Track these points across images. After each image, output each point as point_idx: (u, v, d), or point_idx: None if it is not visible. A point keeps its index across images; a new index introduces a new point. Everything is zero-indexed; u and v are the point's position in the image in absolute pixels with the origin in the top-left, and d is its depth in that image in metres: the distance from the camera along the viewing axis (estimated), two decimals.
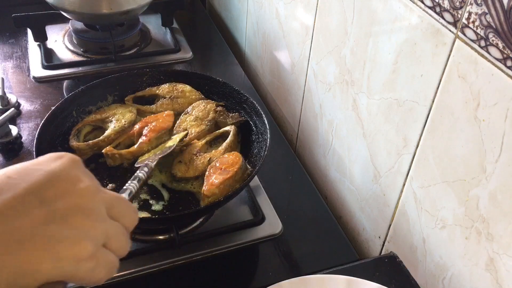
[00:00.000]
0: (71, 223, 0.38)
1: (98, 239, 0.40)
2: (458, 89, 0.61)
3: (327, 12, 0.89)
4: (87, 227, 0.39)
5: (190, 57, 1.25)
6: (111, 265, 0.42)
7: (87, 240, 0.39)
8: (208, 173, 0.79)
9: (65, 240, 0.37)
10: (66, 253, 0.37)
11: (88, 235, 0.39)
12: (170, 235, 0.81)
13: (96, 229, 0.40)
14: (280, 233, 0.84)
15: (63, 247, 0.37)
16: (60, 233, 0.37)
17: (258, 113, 0.88)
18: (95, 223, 0.40)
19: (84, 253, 0.38)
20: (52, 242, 0.37)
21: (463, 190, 0.63)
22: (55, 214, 0.38)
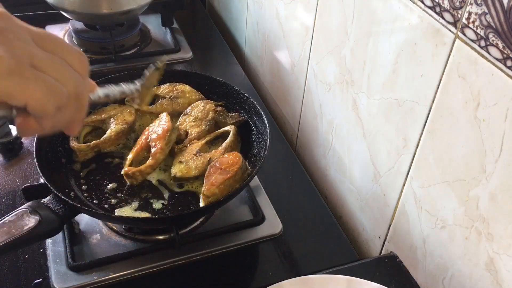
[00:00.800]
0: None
1: (18, 56, 0.38)
2: (458, 89, 0.61)
3: (327, 12, 0.89)
4: (4, 41, 0.38)
5: (190, 57, 1.25)
6: (50, 87, 0.40)
7: (5, 54, 0.37)
8: (208, 173, 0.79)
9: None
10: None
11: (6, 49, 0.37)
12: (170, 235, 0.81)
13: (15, 46, 0.38)
14: (280, 233, 0.85)
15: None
16: None
17: (258, 113, 0.88)
18: (13, 41, 0.38)
19: (1, 66, 0.36)
20: None
21: (463, 190, 0.63)
22: None
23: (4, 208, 0.86)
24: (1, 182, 0.91)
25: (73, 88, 0.42)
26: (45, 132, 0.43)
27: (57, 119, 0.42)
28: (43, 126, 0.42)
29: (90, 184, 0.82)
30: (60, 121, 0.43)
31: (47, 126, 0.42)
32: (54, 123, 0.42)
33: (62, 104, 0.41)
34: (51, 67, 0.40)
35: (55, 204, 0.70)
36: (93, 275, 0.74)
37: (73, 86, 0.42)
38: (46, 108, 0.39)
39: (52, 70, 0.40)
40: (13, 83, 0.37)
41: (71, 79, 0.42)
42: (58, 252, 0.77)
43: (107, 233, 0.81)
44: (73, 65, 0.43)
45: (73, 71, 0.43)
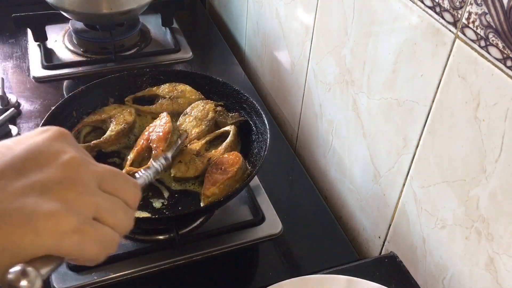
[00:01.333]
0: (51, 196, 0.36)
1: (83, 211, 0.38)
2: (458, 89, 0.61)
3: (327, 12, 0.89)
4: (70, 198, 0.37)
5: (190, 57, 1.25)
6: (106, 240, 0.40)
7: (68, 212, 0.37)
8: (208, 173, 0.79)
9: (45, 213, 0.35)
10: (46, 226, 0.35)
11: (70, 207, 0.37)
12: (170, 235, 0.81)
13: (81, 201, 0.38)
14: (280, 233, 0.84)
15: (42, 220, 0.35)
16: (40, 206, 0.36)
17: (258, 113, 0.88)
18: (80, 196, 0.38)
19: (65, 226, 0.36)
20: (30, 215, 0.35)
21: (463, 190, 0.63)
22: (33, 186, 0.36)
23: None
24: None
25: (126, 230, 0.43)
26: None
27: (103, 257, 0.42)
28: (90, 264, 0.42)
29: None
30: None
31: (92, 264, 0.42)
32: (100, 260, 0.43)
33: (112, 252, 0.42)
34: (110, 214, 0.41)
35: None
36: (93, 275, 0.74)
37: (125, 230, 0.43)
38: (98, 259, 0.40)
39: (111, 217, 0.41)
40: (70, 243, 0.37)
41: (126, 222, 0.43)
42: None
43: None
44: (128, 202, 0.44)
45: (129, 211, 0.43)
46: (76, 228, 0.37)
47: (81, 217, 0.38)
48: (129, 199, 0.44)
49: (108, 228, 0.41)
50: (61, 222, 0.36)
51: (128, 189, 0.44)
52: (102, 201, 0.40)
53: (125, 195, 0.43)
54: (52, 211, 0.36)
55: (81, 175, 0.39)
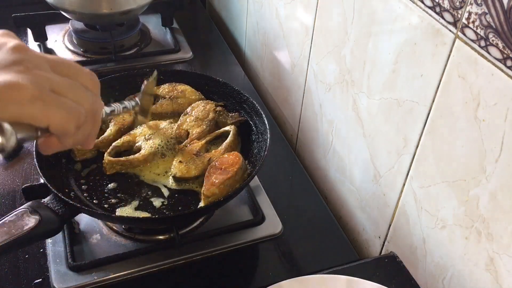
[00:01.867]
0: (4, 72, 0.40)
1: (39, 83, 0.41)
2: (458, 89, 0.61)
3: (327, 12, 0.89)
4: (23, 72, 0.41)
5: (190, 57, 1.25)
6: (69, 107, 0.43)
7: (25, 81, 0.40)
8: (208, 173, 0.79)
9: (4, 82, 0.39)
10: (4, 96, 0.39)
11: (26, 78, 0.40)
12: (170, 235, 0.81)
13: (35, 74, 0.41)
14: (280, 233, 0.84)
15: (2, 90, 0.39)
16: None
17: (258, 113, 0.88)
18: (33, 70, 0.41)
19: (24, 93, 0.40)
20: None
21: (463, 190, 0.63)
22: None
23: (4, 208, 0.86)
24: (1, 182, 0.91)
25: (89, 106, 0.46)
26: (66, 148, 0.47)
27: (76, 136, 0.46)
28: (65, 143, 0.46)
29: (90, 184, 0.82)
30: (79, 137, 0.46)
31: (68, 144, 0.46)
32: (74, 140, 0.46)
33: (81, 123, 0.45)
34: (68, 90, 0.44)
35: (55, 204, 0.70)
36: (93, 275, 0.74)
37: (89, 105, 0.46)
38: (67, 128, 0.43)
39: (69, 93, 0.44)
40: (36, 108, 0.41)
41: (87, 99, 0.46)
42: (58, 252, 0.77)
43: (107, 233, 0.81)
44: (87, 86, 0.47)
45: (88, 91, 0.47)
46: (36, 95, 0.41)
47: (38, 86, 0.41)
48: (87, 84, 0.47)
49: (69, 100, 0.44)
50: (19, 90, 0.40)
51: (84, 74, 0.47)
52: (58, 78, 0.44)
53: (82, 79, 0.47)
54: (8, 82, 0.40)
55: (31, 56, 0.43)
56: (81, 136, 0.47)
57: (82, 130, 0.46)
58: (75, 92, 0.45)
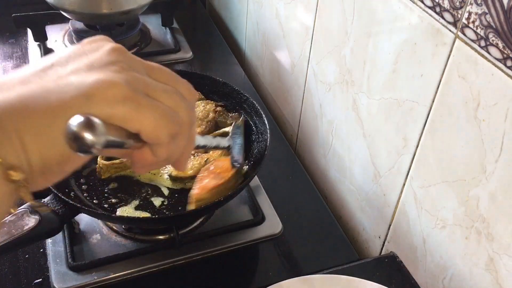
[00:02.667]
0: (99, 70, 0.38)
1: (133, 83, 0.39)
2: (458, 89, 0.61)
3: (327, 12, 0.89)
4: (118, 71, 0.39)
5: (190, 57, 1.25)
6: (163, 112, 0.40)
7: (119, 80, 0.38)
8: (200, 176, 0.78)
9: (94, 80, 0.37)
10: (96, 92, 0.37)
11: (120, 77, 0.38)
12: (170, 235, 0.81)
13: (130, 75, 0.39)
14: (280, 233, 0.84)
15: (92, 87, 0.37)
16: (88, 77, 0.37)
17: (258, 113, 0.88)
18: (128, 71, 0.39)
19: (116, 92, 0.37)
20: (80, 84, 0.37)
21: (463, 190, 0.63)
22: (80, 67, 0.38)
23: None
24: None
25: (186, 115, 0.43)
26: (160, 165, 0.44)
27: (171, 148, 0.42)
28: (158, 156, 0.41)
29: (90, 184, 0.82)
30: (174, 151, 0.42)
31: (162, 156, 0.41)
32: (169, 153, 0.42)
33: (176, 131, 0.41)
34: (164, 95, 0.41)
35: (55, 204, 0.70)
36: (93, 275, 0.74)
37: (186, 114, 0.43)
38: (160, 134, 0.40)
39: (165, 98, 0.41)
40: (128, 108, 0.38)
41: (183, 107, 0.43)
42: (58, 252, 0.77)
43: (107, 233, 0.81)
44: (184, 95, 0.44)
45: (184, 99, 0.44)
46: (129, 96, 0.38)
47: (132, 87, 0.38)
48: (184, 92, 0.44)
49: (165, 105, 0.40)
50: (112, 87, 0.37)
51: (181, 82, 0.45)
52: (153, 82, 0.41)
53: (179, 87, 0.44)
54: (101, 79, 0.37)
55: (127, 58, 0.41)
56: (175, 149, 0.42)
57: (177, 142, 0.42)
58: (171, 98, 0.42)
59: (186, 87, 0.45)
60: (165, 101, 0.41)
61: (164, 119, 0.40)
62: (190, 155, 0.45)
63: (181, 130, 0.42)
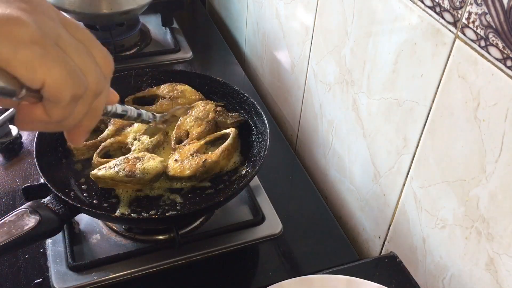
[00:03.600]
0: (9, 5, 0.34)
1: (44, 28, 0.35)
2: (458, 89, 0.61)
3: (327, 12, 0.89)
4: (30, 11, 0.34)
5: (190, 57, 1.25)
6: (70, 69, 0.36)
7: (29, 20, 0.34)
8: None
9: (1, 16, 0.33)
10: (1, 29, 0.32)
11: (31, 17, 0.34)
12: (170, 235, 0.81)
13: (41, 20, 0.35)
14: (280, 233, 0.84)
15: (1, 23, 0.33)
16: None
17: (258, 113, 0.88)
18: (40, 15, 0.35)
19: (23, 33, 0.33)
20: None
21: (463, 190, 0.63)
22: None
23: (4, 208, 0.86)
24: (1, 182, 0.91)
25: (94, 82, 0.38)
26: (48, 127, 0.39)
27: (68, 112, 0.37)
28: (51, 116, 0.37)
29: (90, 184, 0.82)
30: (71, 116, 0.38)
31: (55, 118, 0.37)
32: (64, 116, 0.37)
33: (80, 95, 0.37)
34: (75, 53, 0.37)
35: (55, 204, 0.70)
36: (93, 275, 0.74)
37: (94, 81, 0.38)
38: (63, 92, 0.35)
39: (76, 56, 0.37)
40: (34, 53, 0.33)
41: (93, 72, 0.38)
42: (58, 252, 0.77)
43: (107, 233, 0.81)
44: (98, 62, 0.40)
45: (97, 66, 0.39)
46: (37, 39, 0.34)
47: (42, 31, 0.34)
48: (99, 60, 0.39)
49: (74, 63, 0.36)
50: (18, 25, 0.33)
51: (99, 49, 0.40)
52: (67, 36, 0.37)
53: (95, 52, 0.39)
54: (10, 16, 0.33)
55: (43, 2, 0.37)
56: (72, 115, 0.38)
57: (77, 107, 0.38)
58: (82, 58, 0.37)
59: (103, 55, 0.41)
60: (75, 59, 0.36)
61: (71, 77, 0.36)
62: (89, 130, 0.42)
63: (85, 96, 0.38)
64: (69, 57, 0.36)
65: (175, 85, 0.94)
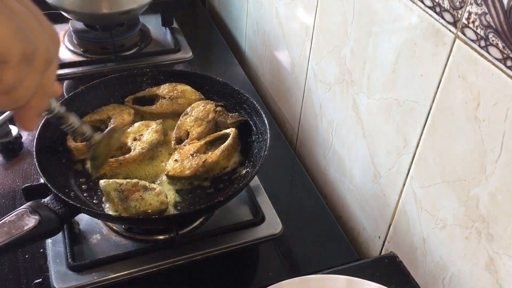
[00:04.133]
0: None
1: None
2: (458, 89, 0.61)
3: (327, 12, 0.89)
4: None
5: (190, 57, 1.25)
6: (19, 26, 0.35)
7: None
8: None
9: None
10: None
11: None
12: (170, 235, 0.81)
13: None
14: (280, 233, 0.84)
15: None
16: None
17: (258, 113, 0.88)
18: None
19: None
20: None
21: (463, 190, 0.63)
22: None
23: (4, 208, 0.86)
24: (1, 182, 0.91)
25: (43, 45, 0.37)
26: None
27: (19, 76, 0.36)
28: (2, 80, 0.35)
29: (90, 184, 0.82)
30: (22, 83, 0.36)
31: (7, 81, 0.35)
32: (15, 81, 0.36)
33: (30, 54, 0.35)
34: (24, 14, 0.36)
35: (55, 204, 0.70)
36: (93, 275, 0.74)
37: (44, 44, 0.37)
38: (11, 48, 0.34)
39: (24, 19, 0.35)
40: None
41: (42, 35, 0.37)
42: (58, 252, 0.77)
43: (107, 233, 0.81)
44: (46, 30, 0.38)
45: (46, 33, 0.38)
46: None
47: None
48: (47, 31, 0.38)
49: (22, 22, 0.35)
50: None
51: (47, 23, 0.39)
52: (15, 1, 0.36)
53: (42, 20, 0.38)
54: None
55: None
56: (24, 82, 0.36)
57: (29, 74, 0.36)
58: (31, 21, 0.36)
59: (50, 26, 0.39)
60: (23, 19, 0.35)
61: (18, 33, 0.34)
62: (40, 113, 0.41)
63: (36, 61, 0.36)
64: (18, 17, 0.35)
65: (175, 85, 0.94)
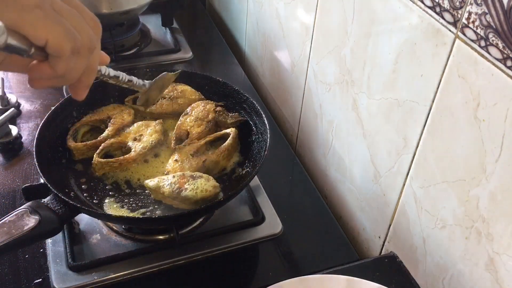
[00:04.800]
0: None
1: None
2: (458, 89, 0.61)
3: (327, 12, 0.89)
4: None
5: (190, 57, 1.25)
6: (67, 28, 0.43)
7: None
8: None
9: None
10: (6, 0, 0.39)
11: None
12: (170, 235, 0.81)
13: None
14: (280, 233, 0.84)
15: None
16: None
17: (258, 113, 0.88)
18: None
19: (27, 0, 0.40)
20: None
21: (463, 190, 0.63)
22: None
23: (4, 208, 0.86)
24: (1, 182, 0.91)
25: (87, 38, 0.45)
26: (55, 82, 0.46)
27: (70, 65, 0.44)
28: (56, 70, 0.44)
29: (90, 184, 0.82)
30: (73, 69, 0.45)
31: (60, 71, 0.44)
32: (67, 69, 0.44)
33: (78, 48, 0.44)
34: (69, 15, 0.44)
35: (55, 204, 0.70)
36: (93, 275, 0.74)
37: (87, 38, 0.45)
38: (63, 46, 0.42)
39: (69, 18, 0.44)
40: (37, 16, 0.40)
41: (86, 31, 0.45)
42: (58, 252, 0.77)
43: (107, 233, 0.81)
44: (88, 23, 0.47)
45: (88, 26, 0.46)
46: (38, 4, 0.41)
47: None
48: (89, 22, 0.47)
49: (68, 23, 0.43)
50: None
51: (88, 13, 0.47)
52: (61, 2, 0.44)
53: (85, 16, 0.47)
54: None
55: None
56: (74, 67, 0.45)
57: (77, 60, 0.45)
58: (76, 20, 0.45)
59: (92, 18, 0.48)
60: (69, 20, 0.44)
61: (68, 34, 0.43)
62: (89, 85, 0.50)
63: (82, 51, 0.45)
64: (64, 19, 0.43)
65: (175, 85, 0.94)
